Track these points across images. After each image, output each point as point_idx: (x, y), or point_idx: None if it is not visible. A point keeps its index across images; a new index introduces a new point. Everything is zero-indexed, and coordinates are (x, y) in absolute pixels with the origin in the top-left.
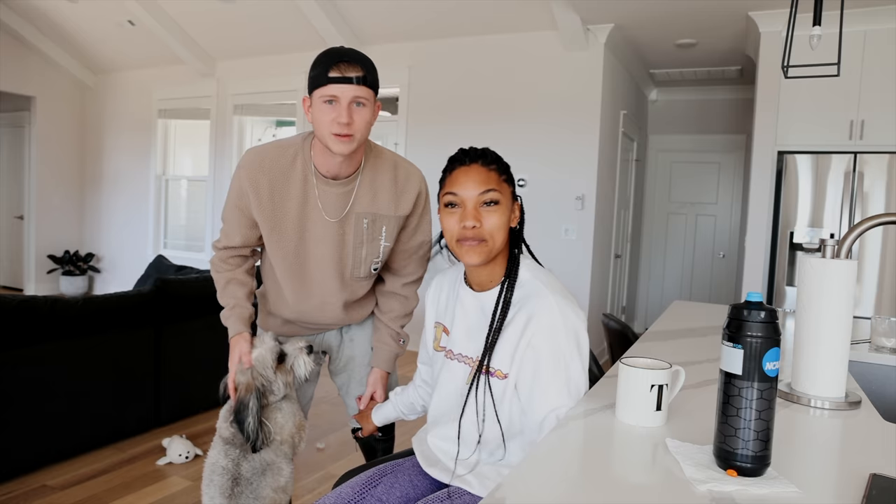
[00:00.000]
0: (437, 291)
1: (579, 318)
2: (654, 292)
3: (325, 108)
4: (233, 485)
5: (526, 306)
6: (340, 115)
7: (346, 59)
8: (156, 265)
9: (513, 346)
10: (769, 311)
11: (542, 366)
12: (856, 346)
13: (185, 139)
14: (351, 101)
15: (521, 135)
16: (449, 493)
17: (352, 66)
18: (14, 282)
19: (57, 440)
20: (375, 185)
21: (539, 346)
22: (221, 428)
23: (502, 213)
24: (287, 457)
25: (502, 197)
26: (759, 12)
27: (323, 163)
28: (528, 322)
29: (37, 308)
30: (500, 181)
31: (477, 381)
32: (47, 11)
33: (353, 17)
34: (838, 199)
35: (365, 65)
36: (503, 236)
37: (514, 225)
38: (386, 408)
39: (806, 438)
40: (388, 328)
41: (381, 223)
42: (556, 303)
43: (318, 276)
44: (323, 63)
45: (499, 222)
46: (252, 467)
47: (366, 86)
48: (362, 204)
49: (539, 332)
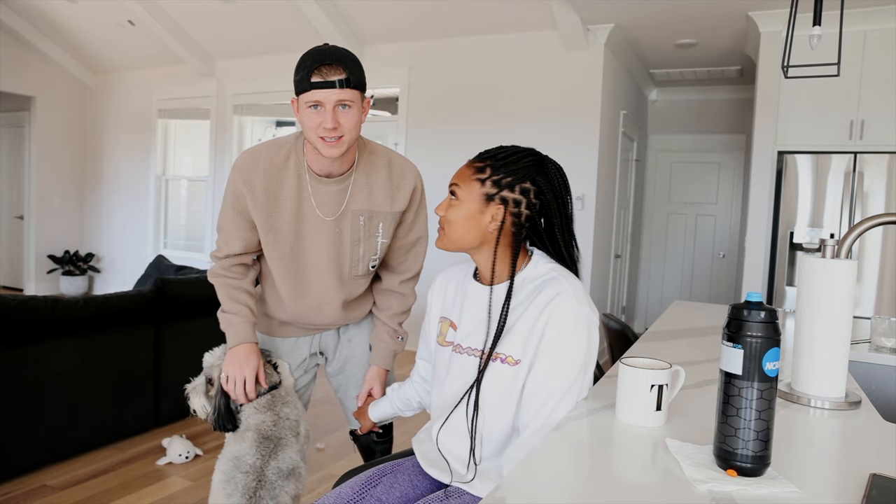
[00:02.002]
0: (442, 287)
1: (593, 310)
2: (654, 292)
3: (311, 113)
4: (257, 486)
5: (543, 292)
6: (326, 119)
7: (328, 62)
8: (156, 265)
9: (527, 331)
10: (769, 311)
11: (547, 349)
12: (856, 346)
13: (185, 139)
14: (335, 104)
15: (520, 134)
16: (447, 493)
17: (334, 69)
18: (14, 282)
19: (57, 440)
20: (371, 182)
21: (549, 331)
22: (259, 420)
23: (459, 206)
24: (305, 460)
25: (460, 191)
26: (759, 12)
27: (316, 161)
28: (543, 308)
29: (37, 308)
30: (470, 179)
31: (485, 368)
32: (47, 11)
33: (353, 17)
34: (838, 199)
35: (347, 65)
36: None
37: (494, 224)
38: (383, 404)
39: (806, 438)
40: (387, 326)
41: (377, 220)
42: (572, 289)
43: (315, 276)
44: (305, 67)
45: (452, 215)
46: (278, 469)
47: (350, 87)
48: (358, 201)
49: (553, 317)
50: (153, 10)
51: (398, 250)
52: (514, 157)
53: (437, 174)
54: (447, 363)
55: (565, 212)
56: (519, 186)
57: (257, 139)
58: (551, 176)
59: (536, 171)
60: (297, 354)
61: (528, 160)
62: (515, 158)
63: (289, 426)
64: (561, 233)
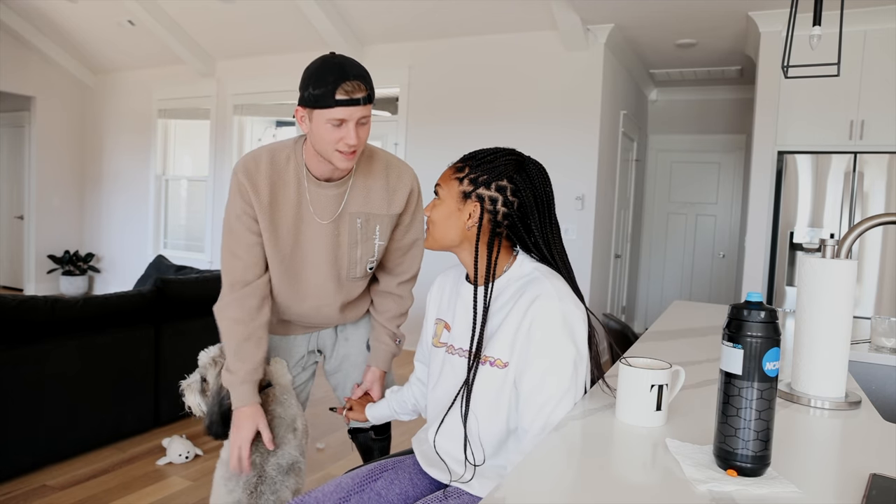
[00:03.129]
0: (439, 289)
1: (578, 306)
2: (654, 292)
3: (331, 129)
4: (258, 482)
5: (526, 293)
6: (349, 136)
7: (351, 78)
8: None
9: (512, 334)
10: (769, 311)
11: (536, 351)
12: (856, 346)
13: (185, 139)
14: (358, 121)
15: (520, 135)
16: (447, 493)
17: (357, 87)
18: (14, 282)
19: (57, 440)
20: (368, 185)
21: (534, 333)
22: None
23: (440, 205)
24: (304, 455)
25: (441, 191)
26: (759, 12)
27: (316, 166)
28: (527, 308)
29: (37, 308)
30: (450, 178)
31: (475, 371)
32: (47, 11)
33: (353, 17)
34: (838, 199)
35: (367, 81)
36: (444, 230)
37: (472, 222)
38: (380, 406)
39: (806, 438)
40: (385, 328)
41: (374, 222)
42: (554, 288)
43: (313, 279)
44: (327, 82)
45: (435, 214)
46: (278, 465)
47: (370, 103)
48: (355, 204)
49: (536, 319)
50: (153, 10)
51: (395, 252)
52: (491, 157)
53: (437, 174)
54: (440, 364)
55: (547, 210)
56: (495, 184)
57: (257, 139)
58: (531, 175)
59: (514, 170)
60: (294, 352)
61: (506, 159)
62: (493, 157)
63: (284, 424)
64: (541, 232)
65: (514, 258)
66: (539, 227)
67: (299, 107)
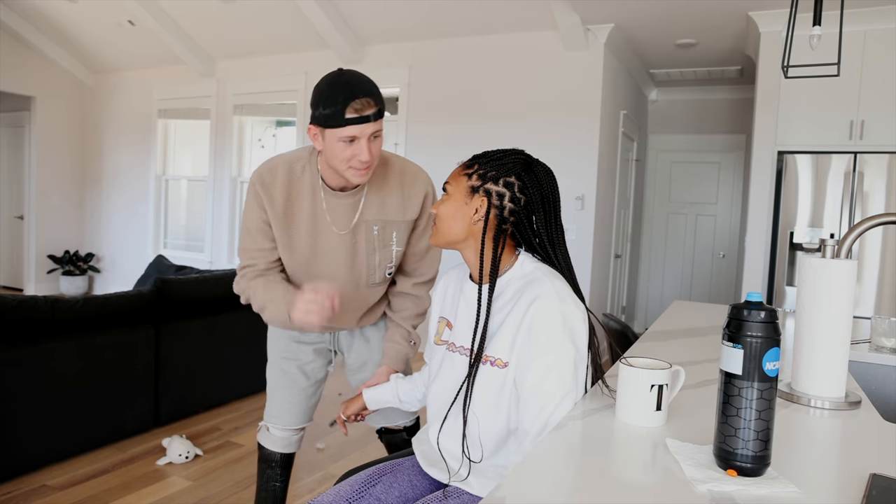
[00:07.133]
0: (444, 287)
1: (578, 306)
2: (654, 292)
3: (343, 146)
4: None
5: (527, 293)
6: (362, 152)
7: (360, 95)
8: (156, 265)
9: (512, 334)
10: (769, 311)
11: (536, 352)
12: (856, 346)
13: (185, 139)
14: (370, 136)
15: (520, 134)
16: (446, 493)
17: (367, 103)
18: (14, 282)
19: (57, 440)
20: (383, 193)
21: (535, 333)
22: None
23: (448, 201)
24: None
25: (450, 187)
26: (759, 12)
27: (331, 177)
28: (527, 308)
29: (37, 308)
30: (459, 175)
31: (476, 371)
32: (47, 11)
33: (353, 17)
34: (838, 199)
35: (376, 96)
36: (450, 224)
37: (478, 216)
38: (382, 390)
39: (806, 438)
40: (400, 328)
41: (391, 229)
42: (554, 288)
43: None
44: (336, 102)
45: (442, 210)
46: None
47: (381, 118)
48: (371, 212)
49: (536, 319)
50: (153, 11)
51: (413, 257)
52: (501, 155)
53: (437, 174)
54: (440, 361)
55: (553, 211)
56: (503, 180)
57: (257, 139)
58: (538, 175)
59: (522, 168)
60: (310, 349)
61: (515, 158)
62: (502, 155)
63: None
64: (546, 231)
65: (515, 258)
66: (544, 227)
67: (311, 125)
